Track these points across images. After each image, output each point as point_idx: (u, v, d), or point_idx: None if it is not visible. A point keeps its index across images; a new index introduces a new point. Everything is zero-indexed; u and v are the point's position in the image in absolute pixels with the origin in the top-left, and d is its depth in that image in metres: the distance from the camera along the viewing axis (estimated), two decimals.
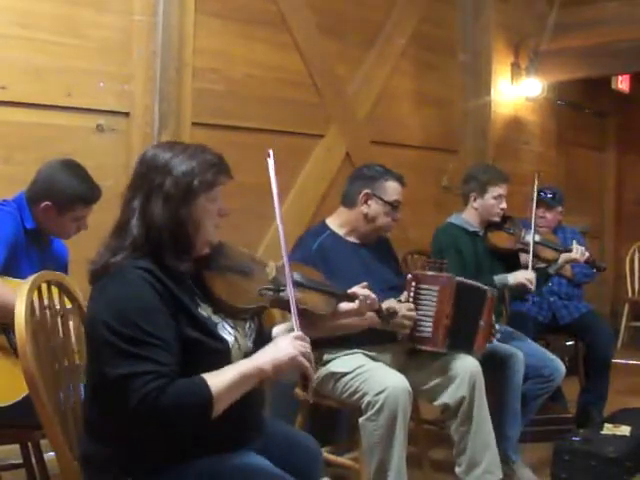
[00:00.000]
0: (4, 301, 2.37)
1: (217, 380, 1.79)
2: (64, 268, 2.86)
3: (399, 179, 3.25)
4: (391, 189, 3.20)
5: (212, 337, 1.92)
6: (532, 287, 3.65)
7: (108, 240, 1.94)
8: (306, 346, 1.91)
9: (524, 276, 3.66)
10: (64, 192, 2.67)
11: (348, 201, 3.24)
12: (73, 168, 2.75)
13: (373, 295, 2.41)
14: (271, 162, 2.13)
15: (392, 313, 2.55)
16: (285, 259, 2.07)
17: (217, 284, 2.00)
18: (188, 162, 1.92)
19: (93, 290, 1.91)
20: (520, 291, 3.81)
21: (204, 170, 1.93)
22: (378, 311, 2.47)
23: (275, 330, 2.27)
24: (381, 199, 3.17)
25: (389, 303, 2.89)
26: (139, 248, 1.87)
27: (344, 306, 2.34)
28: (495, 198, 3.84)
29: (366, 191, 3.18)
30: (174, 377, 1.77)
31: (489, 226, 3.90)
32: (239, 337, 2.00)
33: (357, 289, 2.39)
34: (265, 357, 1.87)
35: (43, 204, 2.66)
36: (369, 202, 3.18)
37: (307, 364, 1.88)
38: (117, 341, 1.76)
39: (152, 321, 1.79)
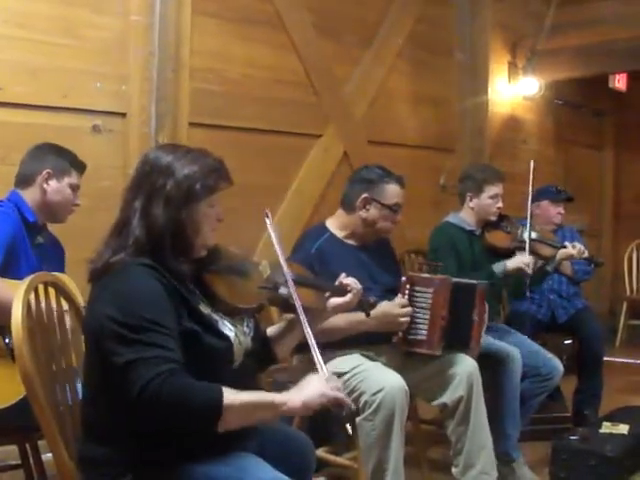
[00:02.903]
0: (3, 299, 2.38)
1: (236, 394, 1.79)
2: (62, 266, 2.89)
3: (399, 181, 3.21)
4: (390, 192, 3.17)
5: (214, 333, 1.94)
6: (529, 270, 3.65)
7: (108, 239, 1.95)
8: (336, 383, 1.92)
9: (521, 260, 3.66)
10: (58, 159, 2.82)
11: (347, 205, 3.21)
12: (54, 144, 2.90)
13: (358, 284, 2.44)
14: (269, 222, 2.27)
15: (372, 303, 2.56)
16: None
17: (218, 286, 2.03)
18: (190, 166, 1.94)
19: (94, 288, 1.92)
20: (518, 277, 3.78)
21: (206, 175, 1.95)
22: (360, 302, 2.48)
23: (269, 330, 2.29)
24: (380, 203, 3.14)
25: (383, 304, 2.90)
26: (141, 248, 1.88)
27: (335, 301, 2.37)
28: (491, 197, 3.84)
29: (365, 195, 3.15)
30: (179, 363, 1.77)
31: (486, 225, 3.91)
32: (239, 334, 2.03)
33: (345, 280, 2.41)
34: (295, 394, 1.88)
35: (43, 173, 2.77)
36: (368, 207, 3.15)
37: (340, 395, 1.89)
38: (123, 331, 1.77)
39: (157, 311, 1.81)
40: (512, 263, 3.67)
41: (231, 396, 1.77)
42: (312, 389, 1.88)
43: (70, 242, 2.98)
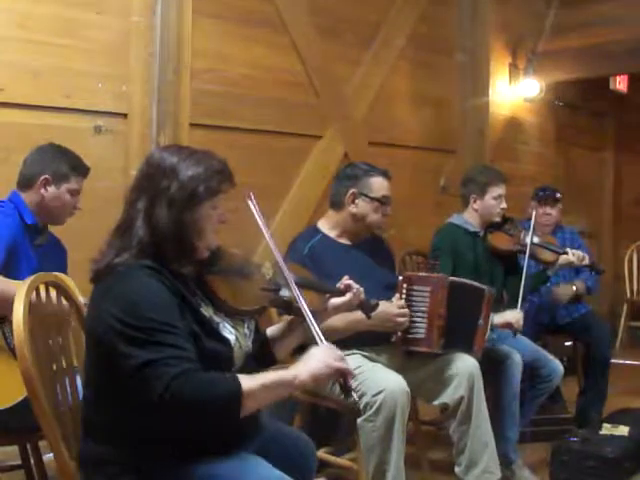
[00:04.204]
0: (4, 293, 2.38)
1: (250, 379, 1.82)
2: (64, 267, 2.87)
3: (384, 174, 3.23)
4: (376, 185, 3.19)
5: (215, 336, 1.94)
6: (519, 327, 3.49)
7: (110, 240, 1.95)
8: (339, 353, 1.94)
9: (512, 315, 3.52)
10: (58, 164, 2.77)
11: (336, 203, 3.23)
12: (58, 146, 2.85)
13: (361, 288, 2.43)
14: (252, 204, 2.23)
15: (374, 305, 2.56)
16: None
17: (219, 287, 2.03)
18: (194, 167, 1.94)
19: (97, 289, 1.92)
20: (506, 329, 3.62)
21: (209, 177, 1.95)
22: (361, 302, 2.48)
23: (269, 331, 2.29)
24: (368, 196, 3.16)
25: (381, 304, 2.89)
26: (144, 249, 1.89)
27: (335, 301, 2.36)
28: (495, 198, 3.84)
29: (352, 190, 3.17)
30: (196, 361, 1.79)
31: (489, 227, 3.90)
32: (239, 336, 2.03)
33: (346, 281, 2.41)
34: (302, 367, 1.89)
35: (41, 178, 2.74)
36: (356, 201, 3.17)
37: (347, 366, 1.92)
38: (133, 332, 1.77)
39: (165, 313, 1.81)
40: (501, 318, 3.49)
41: (248, 382, 1.80)
42: (317, 361, 1.90)
43: (70, 242, 2.98)
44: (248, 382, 1.80)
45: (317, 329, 2.05)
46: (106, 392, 1.88)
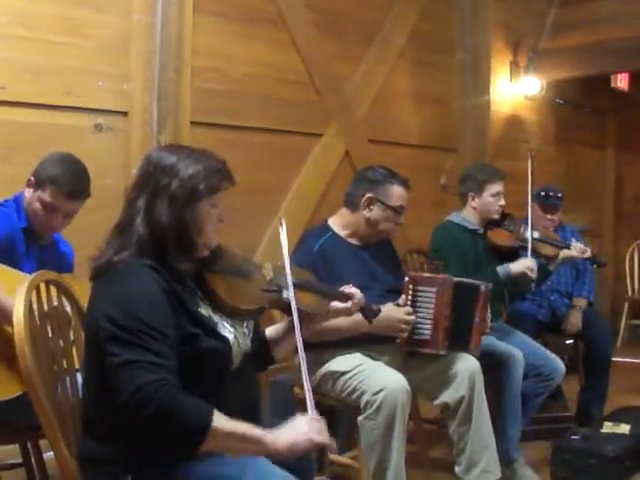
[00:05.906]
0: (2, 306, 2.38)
1: (225, 420, 1.77)
2: (69, 269, 2.85)
3: (404, 183, 3.20)
4: (395, 194, 3.17)
5: (213, 335, 1.93)
6: (533, 275, 3.63)
7: (110, 238, 1.95)
8: (322, 427, 1.90)
9: (525, 264, 3.64)
10: (42, 169, 2.69)
11: (351, 204, 3.21)
12: (68, 159, 2.76)
13: (360, 294, 2.42)
14: (283, 231, 2.24)
15: (376, 311, 2.55)
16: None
17: (219, 286, 2.03)
18: (194, 166, 1.95)
19: (95, 287, 1.92)
20: (522, 280, 3.76)
21: (209, 175, 1.96)
22: (363, 309, 2.47)
23: (268, 331, 2.29)
24: (384, 204, 3.14)
25: (387, 307, 2.89)
26: (144, 247, 1.89)
27: (336, 305, 2.35)
28: (493, 196, 3.85)
29: (369, 195, 3.15)
30: (174, 372, 1.78)
31: (488, 224, 3.90)
32: (238, 335, 2.03)
33: (349, 289, 2.40)
34: (282, 435, 1.85)
35: (28, 178, 2.69)
36: (372, 207, 3.15)
37: (326, 441, 1.88)
38: (120, 332, 1.77)
39: (156, 316, 1.81)
40: (516, 267, 3.65)
41: (220, 423, 1.76)
42: (299, 433, 1.86)
43: (72, 240, 2.98)
44: (220, 423, 1.75)
45: (311, 395, 1.99)
46: (103, 390, 1.87)
